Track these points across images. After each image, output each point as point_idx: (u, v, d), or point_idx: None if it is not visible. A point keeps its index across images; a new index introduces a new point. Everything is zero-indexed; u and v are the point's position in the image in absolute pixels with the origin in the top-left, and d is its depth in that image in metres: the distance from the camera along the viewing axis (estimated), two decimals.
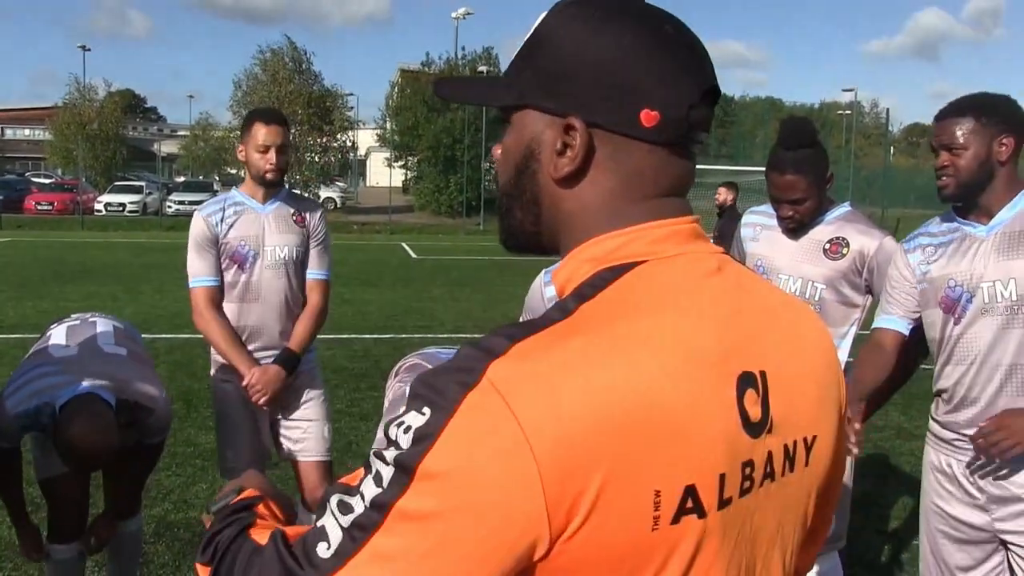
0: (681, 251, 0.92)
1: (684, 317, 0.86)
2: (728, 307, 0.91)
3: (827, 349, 1.02)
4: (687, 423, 0.81)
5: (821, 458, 0.99)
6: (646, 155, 0.92)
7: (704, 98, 0.92)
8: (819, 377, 0.99)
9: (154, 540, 4.51)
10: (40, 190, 38.44)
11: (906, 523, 5.05)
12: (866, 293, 3.01)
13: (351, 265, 18.45)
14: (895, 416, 7.07)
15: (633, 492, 0.79)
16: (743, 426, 0.87)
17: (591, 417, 0.77)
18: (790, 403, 0.93)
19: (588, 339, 0.81)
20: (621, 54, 0.89)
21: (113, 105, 48.17)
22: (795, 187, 2.90)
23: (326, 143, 38.88)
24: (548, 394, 0.77)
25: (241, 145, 3.62)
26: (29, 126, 69.52)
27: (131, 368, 3.24)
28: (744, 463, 0.87)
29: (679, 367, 0.83)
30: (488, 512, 0.76)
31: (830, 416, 1.00)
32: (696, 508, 0.82)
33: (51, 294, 13.35)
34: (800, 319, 1.01)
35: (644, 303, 0.86)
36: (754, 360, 0.90)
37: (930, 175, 16.96)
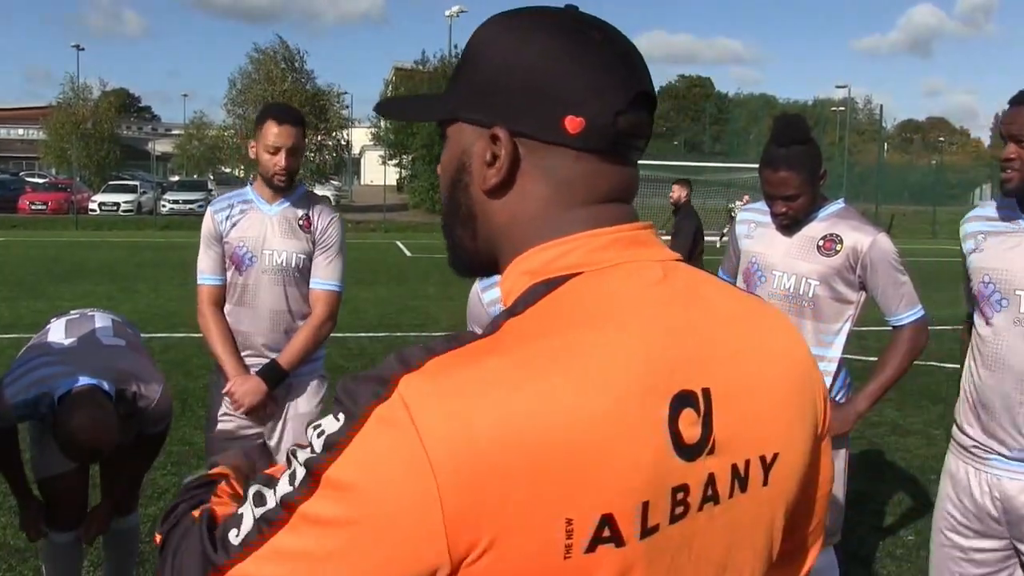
0: (622, 260, 0.89)
1: (615, 333, 0.83)
2: (669, 320, 0.86)
3: (798, 360, 0.96)
4: (603, 450, 0.77)
5: (786, 476, 0.93)
6: (574, 163, 0.90)
7: (635, 103, 0.90)
8: (784, 390, 0.93)
9: (150, 539, 4.50)
10: (34, 190, 38.31)
11: (901, 519, 5.07)
12: (860, 290, 3.02)
13: (347, 264, 18.43)
14: (890, 412, 7.09)
15: (543, 520, 0.76)
16: (675, 450, 0.82)
17: (498, 442, 0.75)
18: (741, 419, 0.88)
19: (504, 359, 0.79)
20: (544, 63, 0.89)
21: (107, 104, 48.08)
22: (788, 184, 2.91)
23: (321, 141, 38.85)
24: (455, 414, 0.75)
25: (254, 142, 3.42)
26: (23, 125, 69.35)
27: (130, 359, 3.24)
28: (675, 488, 0.82)
29: (599, 389, 0.79)
30: (385, 528, 0.75)
31: (798, 431, 0.94)
32: (614, 538, 0.78)
33: (46, 294, 13.33)
34: (764, 328, 0.95)
35: (572, 319, 0.83)
36: (696, 377, 0.85)
37: (923, 171, 16.95)
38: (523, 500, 0.75)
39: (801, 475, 0.96)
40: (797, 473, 0.95)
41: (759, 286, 3.10)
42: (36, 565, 4.12)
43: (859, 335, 3.13)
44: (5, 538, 4.51)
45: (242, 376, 3.40)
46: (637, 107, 0.91)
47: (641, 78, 0.92)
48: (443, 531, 0.75)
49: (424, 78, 41.63)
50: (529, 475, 0.75)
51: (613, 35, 0.93)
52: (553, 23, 0.91)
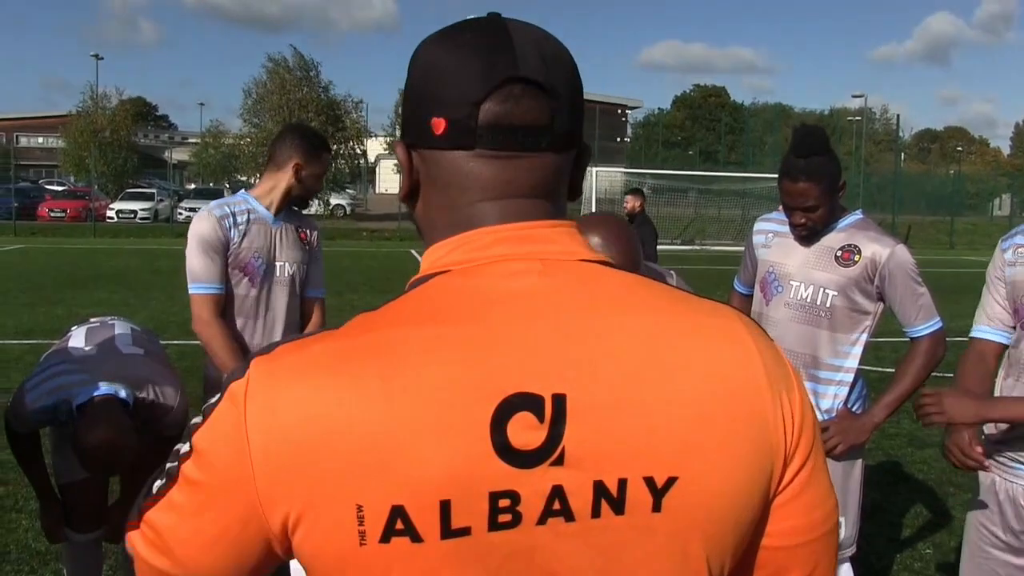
0: (496, 258, 0.88)
1: (445, 329, 0.83)
2: (531, 320, 0.84)
3: (732, 381, 0.87)
4: (398, 443, 0.78)
5: (694, 506, 0.84)
6: (451, 163, 0.90)
7: (495, 90, 0.87)
8: (698, 409, 0.84)
9: None
10: (53, 197, 38.61)
11: (918, 532, 5.04)
12: (877, 301, 3.01)
13: (360, 271, 18.50)
14: (907, 424, 7.05)
15: (336, 504, 0.79)
16: (498, 454, 0.79)
17: (300, 425, 0.80)
18: (615, 434, 0.81)
19: (332, 345, 0.84)
20: (419, 73, 0.92)
21: (124, 113, 48.41)
22: (807, 195, 2.90)
23: (336, 150, 38.96)
24: (272, 394, 0.82)
25: (299, 161, 3.41)
26: (43, 134, 69.93)
27: (148, 367, 3.26)
28: (495, 493, 0.79)
29: (404, 384, 0.80)
30: (220, 491, 0.84)
31: (720, 457, 0.84)
32: (408, 532, 0.79)
33: (63, 300, 13.43)
34: (688, 342, 0.87)
35: (409, 315, 0.85)
36: (547, 381, 0.81)
37: (941, 181, 16.91)
38: (319, 481, 0.80)
39: (730, 511, 0.85)
40: (719, 506, 0.85)
41: (776, 295, 3.10)
42: (57, 568, 4.16)
43: (876, 346, 3.13)
44: (27, 541, 4.55)
45: None
46: (508, 94, 0.88)
47: (513, 64, 0.88)
48: (259, 501, 0.82)
49: None
50: (324, 458, 0.79)
51: (497, 30, 0.90)
52: (443, 33, 0.93)
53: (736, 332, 0.90)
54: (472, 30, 0.91)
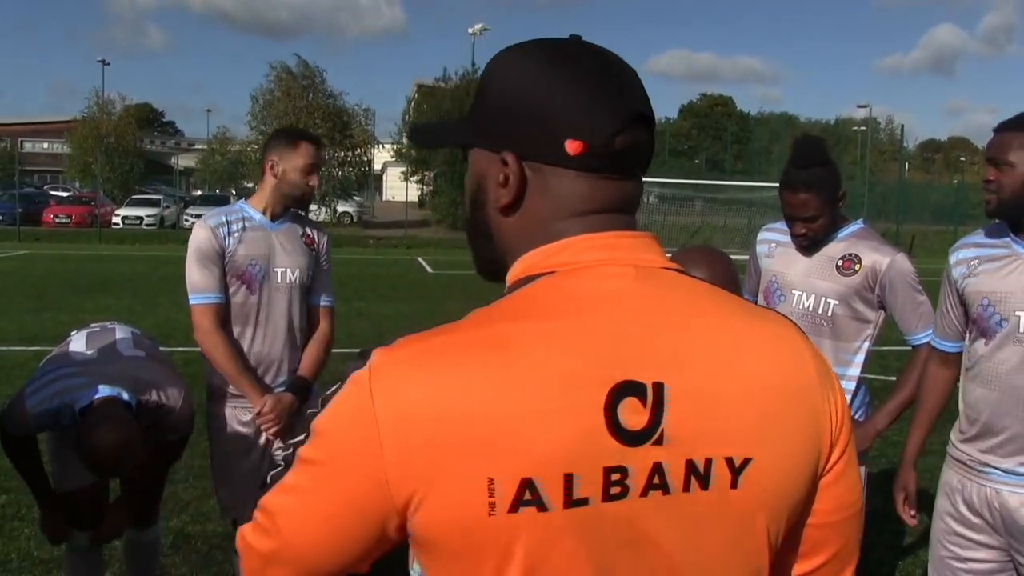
0: (598, 261, 0.98)
1: (564, 322, 0.92)
2: (629, 316, 0.94)
3: (792, 375, 0.99)
4: (527, 422, 0.87)
5: (764, 485, 0.95)
6: (574, 181, 1.00)
7: (629, 124, 0.99)
8: (766, 400, 0.96)
9: (172, 552, 4.54)
10: (59, 203, 38.74)
11: (919, 539, 5.04)
12: (878, 309, 3.03)
13: (367, 279, 18.52)
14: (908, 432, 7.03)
15: (466, 478, 0.87)
16: (612, 433, 0.89)
17: (431, 407, 0.88)
18: (704, 418, 0.92)
19: (455, 337, 0.93)
20: (543, 91, 0.99)
21: (128, 118, 48.54)
22: (808, 205, 2.92)
23: (344, 157, 39.05)
24: (399, 380, 0.90)
25: (273, 158, 3.38)
26: (48, 139, 70.15)
27: (151, 370, 3.26)
28: (609, 468, 0.89)
29: (532, 368, 0.89)
30: (342, 469, 0.92)
31: (783, 442, 0.96)
32: (536, 501, 0.88)
33: (68, 306, 13.46)
34: (753, 340, 0.98)
35: (531, 308, 0.94)
36: (648, 370, 0.91)
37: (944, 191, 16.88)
38: (449, 459, 0.87)
39: (789, 489, 0.98)
40: (782, 485, 0.97)
41: (778, 304, 3.11)
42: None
43: (879, 354, 3.14)
44: (29, 549, 4.56)
45: (273, 396, 3.37)
46: (633, 128, 0.99)
47: (636, 100, 1.00)
48: (386, 479, 0.89)
49: (446, 95, 41.75)
50: (454, 437, 0.87)
51: (609, 61, 1.02)
52: (553, 54, 1.01)
53: (792, 336, 1.03)
54: (592, 57, 1.01)
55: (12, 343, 10.17)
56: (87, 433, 2.83)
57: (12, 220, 31.08)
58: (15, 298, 14.28)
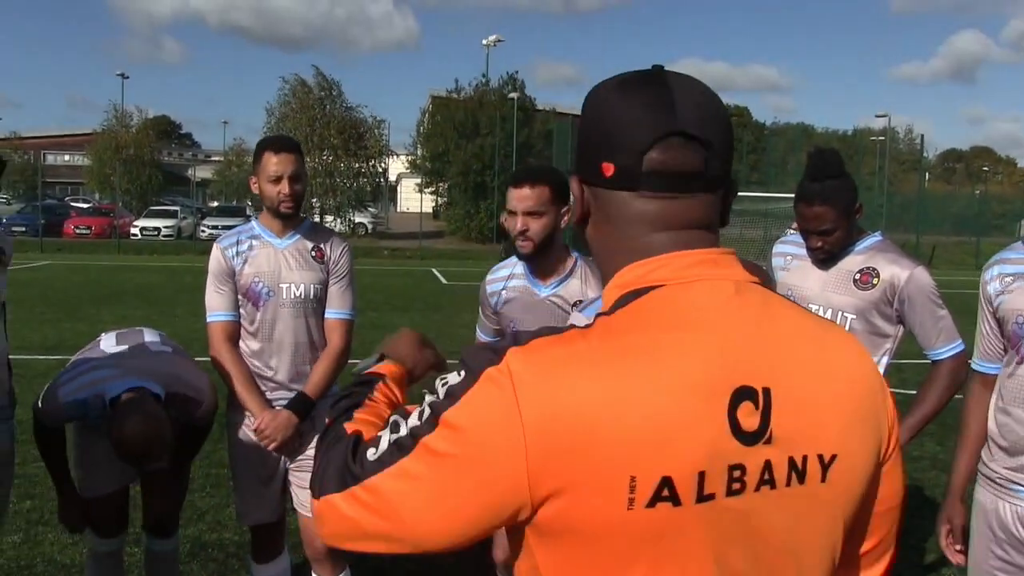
0: (702, 277, 1.06)
1: (688, 334, 1.01)
2: (738, 327, 1.03)
3: (862, 378, 1.09)
4: (667, 425, 0.96)
5: (845, 479, 1.06)
6: (618, 200, 1.09)
7: (660, 142, 1.05)
8: (844, 401, 1.07)
9: (189, 560, 4.56)
10: (79, 214, 39.03)
11: (943, 556, 4.99)
12: (897, 323, 3.00)
13: (382, 290, 18.55)
14: (931, 446, 6.99)
15: (610, 475, 0.96)
16: (733, 433, 0.99)
17: (577, 409, 0.96)
18: (801, 420, 1.03)
19: (592, 344, 1.00)
20: (597, 118, 1.09)
21: (146, 131, 48.87)
22: (823, 218, 2.91)
23: (358, 168, 39.15)
24: (545, 383, 0.98)
25: (254, 177, 3.43)
26: (69, 151, 70.68)
27: (178, 363, 3.35)
28: (732, 466, 0.99)
29: (667, 377, 0.98)
30: (482, 463, 0.98)
31: (857, 440, 1.07)
32: (672, 497, 0.97)
33: (87, 316, 13.56)
34: (830, 346, 1.09)
35: (653, 320, 1.02)
36: (757, 377, 1.01)
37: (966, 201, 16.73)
38: (595, 458, 0.95)
39: (863, 482, 1.09)
40: (858, 478, 1.08)
41: None
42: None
43: (898, 368, 3.12)
44: (53, 555, 4.60)
45: (270, 412, 3.37)
46: (669, 145, 1.05)
47: (676, 119, 1.05)
48: (526, 474, 0.97)
49: (460, 106, 41.86)
50: (599, 439, 0.95)
51: (670, 85, 1.07)
52: (615, 82, 1.10)
53: (856, 342, 1.14)
54: (641, 84, 1.08)
55: (34, 352, 10.24)
56: (118, 422, 2.89)
57: (35, 231, 31.41)
58: (36, 308, 14.37)
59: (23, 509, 5.14)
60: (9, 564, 4.48)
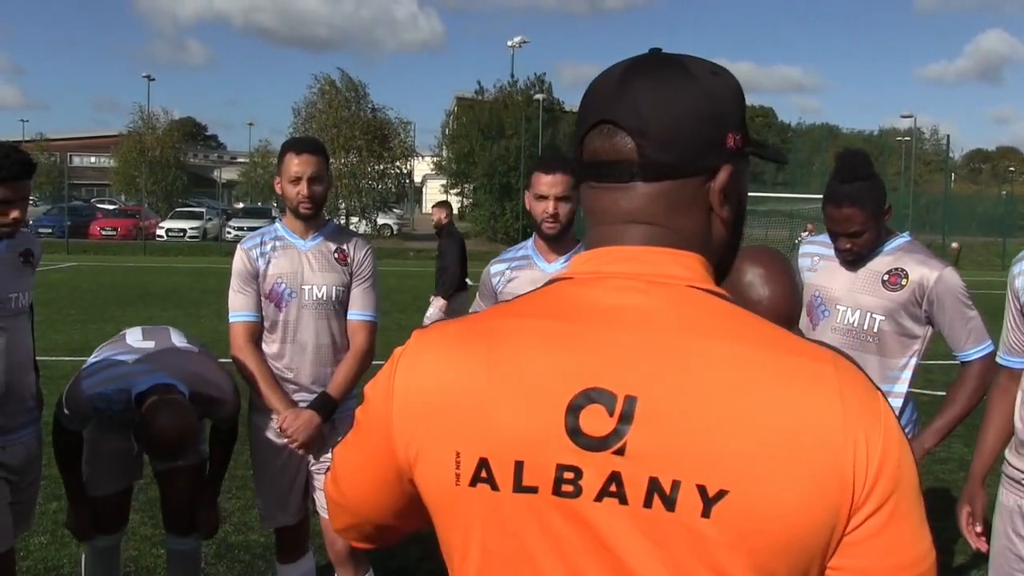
0: (610, 274, 1.01)
1: (558, 324, 0.98)
2: (624, 328, 0.96)
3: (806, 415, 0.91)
4: (488, 405, 0.97)
5: (741, 520, 0.89)
6: (585, 194, 1.08)
7: (594, 131, 1.03)
8: (762, 435, 0.90)
9: (215, 561, 4.58)
10: (105, 216, 39.36)
11: (971, 559, 4.94)
12: (926, 324, 2.97)
13: (407, 291, 18.59)
14: (958, 448, 6.92)
15: (442, 447, 0.99)
16: (568, 433, 0.94)
17: (426, 382, 1.02)
18: (677, 441, 0.90)
19: (460, 326, 1.05)
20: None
21: (172, 132, 49.23)
22: (852, 220, 2.88)
23: (384, 170, 39.25)
24: (415, 359, 1.05)
25: (278, 178, 3.46)
26: (95, 153, 71.36)
27: (204, 364, 3.37)
28: (561, 465, 0.94)
29: (503, 360, 0.98)
30: (370, 431, 1.08)
31: (775, 485, 0.89)
32: (489, 480, 0.97)
33: (114, 318, 13.67)
34: (770, 374, 0.92)
35: (529, 307, 1.03)
36: (625, 383, 0.93)
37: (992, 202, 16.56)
38: (432, 430, 1.00)
39: (784, 537, 0.89)
40: (771, 529, 0.89)
41: (822, 320, 3.07)
42: None
43: (925, 368, 3.09)
44: (79, 556, 4.61)
45: (294, 411, 3.38)
46: (598, 133, 1.02)
47: (611, 106, 1.01)
48: (393, 441, 1.04)
49: (485, 108, 41.89)
50: (438, 410, 1.00)
51: (626, 71, 1.02)
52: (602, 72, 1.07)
53: (820, 373, 0.94)
54: (605, 73, 1.05)
55: (60, 353, 10.34)
56: (150, 417, 2.91)
57: (61, 233, 31.68)
58: (63, 309, 14.51)
59: (50, 510, 5.17)
60: (36, 565, 4.52)
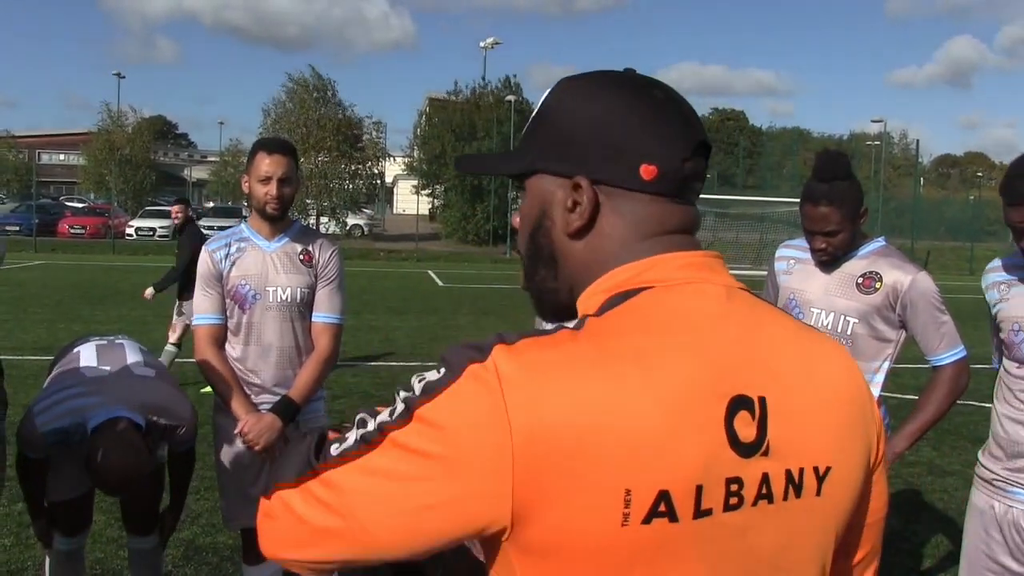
0: (690, 279, 1.01)
1: (683, 338, 0.95)
2: (731, 333, 0.97)
3: (851, 389, 1.04)
4: (664, 436, 0.88)
5: (839, 492, 1.01)
6: (648, 204, 1.03)
7: (696, 152, 1.04)
8: (836, 411, 1.01)
9: (183, 563, 4.53)
10: (73, 214, 39.00)
11: (939, 562, 4.99)
12: (899, 328, 2.99)
13: (378, 292, 18.55)
14: (927, 452, 6.99)
15: (602, 489, 0.87)
16: (731, 445, 0.92)
17: (568, 417, 0.87)
18: (796, 430, 0.97)
19: (582, 348, 0.92)
20: (616, 118, 1.02)
21: (143, 131, 48.81)
22: (829, 219, 2.89)
23: (355, 170, 39.09)
24: (536, 386, 0.88)
25: (246, 176, 3.42)
26: (64, 151, 70.61)
27: (161, 391, 3.29)
28: (729, 479, 0.92)
29: (663, 384, 0.90)
30: (462, 468, 0.88)
31: (850, 451, 1.02)
32: (669, 513, 0.89)
33: (82, 317, 13.52)
34: (820, 355, 1.04)
35: (645, 323, 0.95)
36: (753, 385, 0.95)
37: (960, 207, 16.85)
38: (588, 469, 0.87)
39: (855, 494, 1.03)
40: (851, 491, 1.02)
41: None
42: None
43: (895, 371, 3.10)
44: (43, 558, 4.55)
45: (254, 415, 3.34)
46: (698, 155, 1.04)
47: (698, 128, 1.05)
48: (511, 484, 0.87)
49: (457, 108, 41.85)
50: (595, 450, 0.87)
51: (670, 91, 1.07)
52: (620, 83, 1.05)
53: (844, 351, 1.09)
54: (657, 88, 1.06)
55: (27, 352, 10.21)
56: (98, 455, 2.86)
57: (29, 231, 31.32)
58: (30, 308, 14.33)
59: (14, 512, 5.11)
60: (0, 568, 4.44)
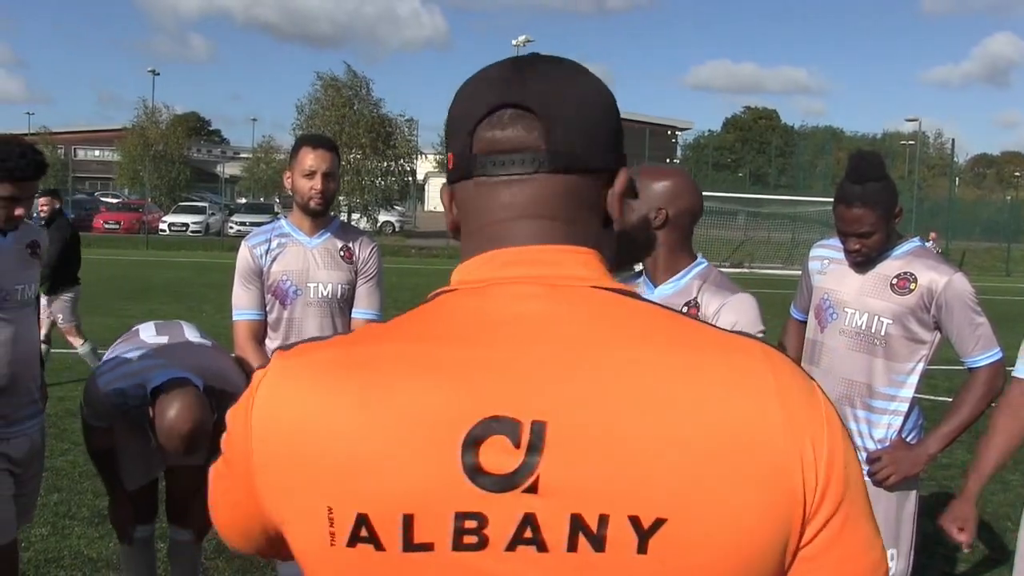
0: (498, 280, 0.88)
1: (438, 347, 0.83)
2: (525, 345, 0.82)
3: (741, 421, 0.81)
4: (367, 454, 0.80)
5: (685, 553, 0.78)
6: (465, 193, 0.93)
7: (491, 119, 0.89)
8: (696, 450, 0.79)
9: (215, 556, 4.57)
10: (108, 209, 39.43)
11: (974, 567, 4.93)
12: (934, 330, 2.95)
13: (409, 289, 18.59)
14: (961, 454, 6.90)
15: (312, 501, 0.83)
16: (467, 474, 0.78)
17: (287, 421, 0.85)
18: (600, 468, 0.78)
19: (330, 353, 0.87)
20: (449, 116, 0.95)
21: (176, 127, 49.27)
22: (862, 220, 2.86)
23: (387, 167, 39.21)
24: (275, 390, 0.87)
25: (288, 171, 3.47)
26: (99, 147, 71.42)
27: (217, 357, 3.36)
28: (460, 514, 0.78)
29: (393, 396, 0.81)
30: (232, 468, 0.92)
31: (722, 506, 0.79)
32: (372, 539, 0.80)
33: (115, 311, 13.71)
34: (697, 379, 0.82)
35: (410, 330, 0.88)
36: (529, 407, 0.79)
37: (997, 207, 16.54)
38: (301, 479, 0.83)
39: (732, 559, 0.79)
40: (719, 557, 0.79)
41: (830, 323, 3.06)
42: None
43: (928, 374, 3.07)
44: (80, 548, 4.65)
45: None
46: (496, 120, 0.89)
47: (510, 91, 0.89)
48: (255, 488, 0.88)
49: None
50: (305, 457, 0.83)
51: (513, 62, 0.94)
52: (472, 79, 0.96)
53: (755, 372, 0.84)
54: (489, 65, 0.95)
55: (61, 346, 10.32)
56: (163, 411, 2.89)
57: None
58: None
59: (51, 502, 5.17)
60: (37, 557, 4.51)
